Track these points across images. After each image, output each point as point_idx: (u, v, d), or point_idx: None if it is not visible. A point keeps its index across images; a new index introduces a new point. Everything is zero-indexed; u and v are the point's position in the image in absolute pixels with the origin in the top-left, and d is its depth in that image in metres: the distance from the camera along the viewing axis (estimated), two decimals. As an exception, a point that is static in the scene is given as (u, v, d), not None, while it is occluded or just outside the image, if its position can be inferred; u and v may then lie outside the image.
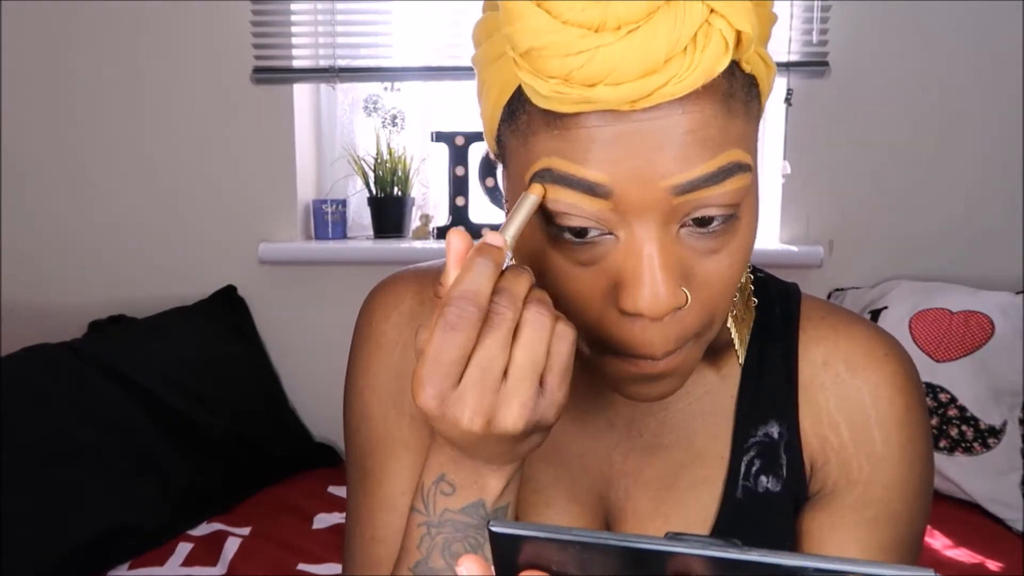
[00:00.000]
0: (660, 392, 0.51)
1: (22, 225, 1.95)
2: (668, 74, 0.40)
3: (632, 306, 0.45)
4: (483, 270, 0.42)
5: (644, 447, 0.61)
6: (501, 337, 0.42)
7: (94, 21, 1.88)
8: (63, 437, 1.44)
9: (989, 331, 1.61)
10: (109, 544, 1.38)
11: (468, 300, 0.41)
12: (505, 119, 0.48)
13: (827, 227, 1.88)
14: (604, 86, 0.40)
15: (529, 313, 0.43)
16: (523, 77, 0.43)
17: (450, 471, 0.48)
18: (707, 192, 0.43)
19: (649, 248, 0.44)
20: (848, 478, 0.58)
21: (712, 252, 0.46)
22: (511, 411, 0.42)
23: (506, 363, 0.42)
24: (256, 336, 1.94)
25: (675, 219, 0.45)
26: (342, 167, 2.02)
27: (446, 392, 0.42)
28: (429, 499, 0.49)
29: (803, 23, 1.81)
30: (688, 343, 0.49)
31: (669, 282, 0.44)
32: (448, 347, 0.41)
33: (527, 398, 0.42)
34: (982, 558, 1.40)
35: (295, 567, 1.40)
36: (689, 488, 0.60)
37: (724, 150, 0.43)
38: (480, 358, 0.42)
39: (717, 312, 0.49)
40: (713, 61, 0.41)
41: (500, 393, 0.42)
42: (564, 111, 0.43)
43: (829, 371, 0.59)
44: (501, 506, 0.49)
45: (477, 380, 0.42)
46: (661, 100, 0.41)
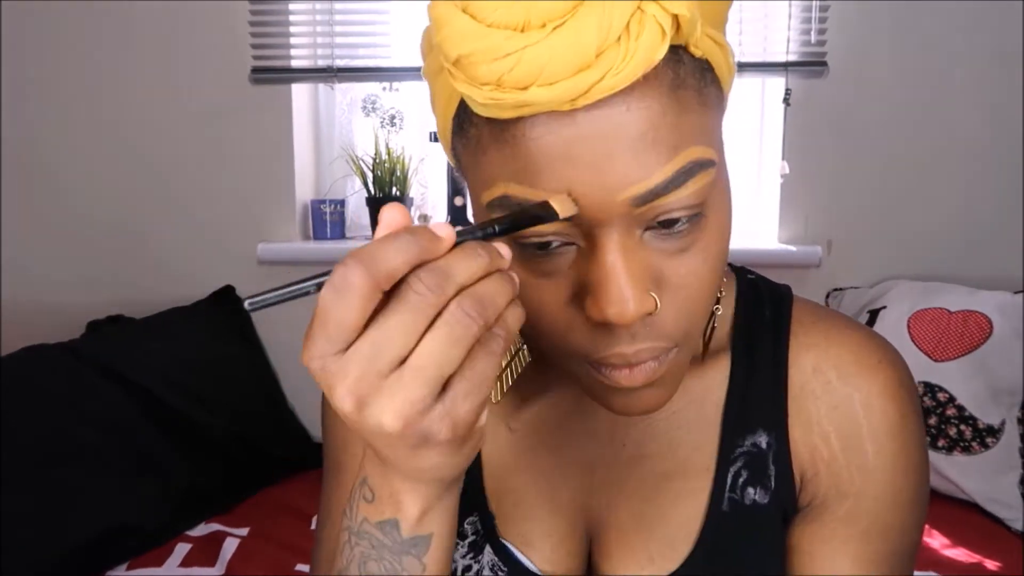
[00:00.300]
0: (644, 405, 0.48)
1: (22, 225, 1.95)
2: (603, 68, 0.38)
3: (599, 314, 0.43)
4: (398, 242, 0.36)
5: (627, 457, 0.59)
6: (409, 320, 0.36)
7: (93, 21, 1.88)
8: (62, 437, 1.44)
9: (988, 331, 1.62)
10: (108, 544, 1.38)
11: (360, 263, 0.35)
12: (456, 132, 0.46)
13: (826, 227, 1.88)
14: (538, 87, 0.38)
15: (455, 306, 0.36)
16: (459, 87, 0.41)
17: (370, 474, 0.44)
18: (668, 198, 0.41)
19: (612, 256, 0.42)
20: (839, 490, 0.56)
21: (681, 251, 0.44)
22: (390, 404, 0.36)
23: (407, 351, 0.36)
24: (255, 336, 1.95)
25: (638, 225, 0.43)
26: (340, 167, 2.02)
27: (327, 358, 0.36)
28: (353, 502, 0.46)
29: (801, 23, 1.81)
30: (668, 353, 0.46)
31: (635, 288, 0.42)
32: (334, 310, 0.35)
33: (415, 397, 0.36)
34: (980, 557, 1.40)
35: (294, 567, 1.40)
36: (673, 500, 0.58)
37: (680, 150, 0.41)
38: (376, 332, 0.36)
39: (696, 316, 0.46)
40: (650, 49, 0.39)
41: (387, 380, 0.36)
42: (504, 116, 0.41)
43: (820, 378, 0.57)
44: (420, 535, 0.44)
45: (365, 355, 0.36)
46: (600, 95, 0.39)
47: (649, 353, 0.45)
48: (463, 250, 0.37)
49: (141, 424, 1.56)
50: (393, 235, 0.37)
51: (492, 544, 0.60)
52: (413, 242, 0.36)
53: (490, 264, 0.38)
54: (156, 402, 1.60)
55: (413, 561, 0.44)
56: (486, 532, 0.60)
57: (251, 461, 1.70)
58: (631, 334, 0.45)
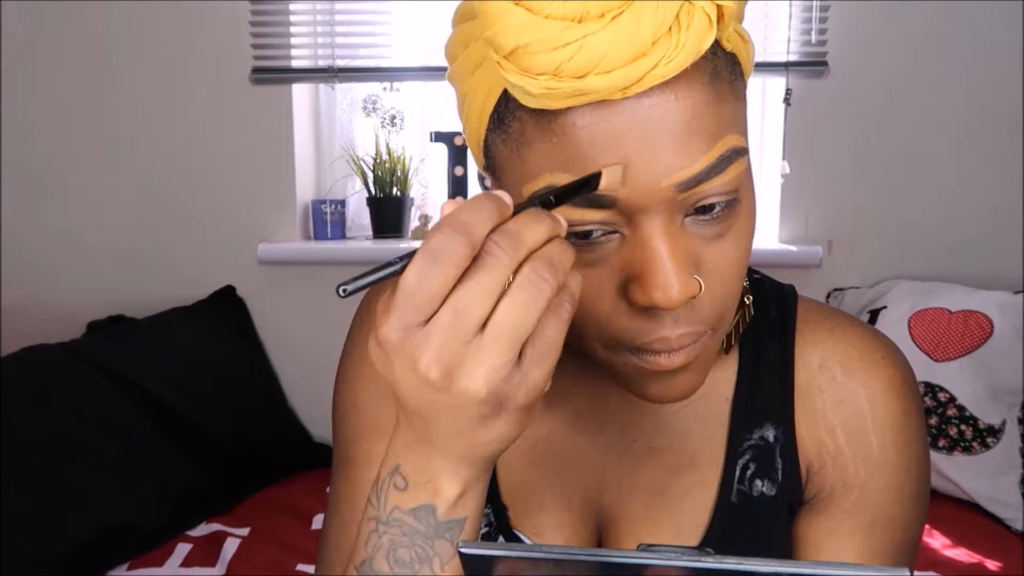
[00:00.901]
0: (680, 390, 0.49)
1: (22, 225, 1.95)
2: (656, 56, 0.40)
3: (646, 299, 0.44)
4: (483, 207, 0.37)
5: (638, 451, 0.61)
6: (487, 284, 0.37)
7: (94, 21, 1.88)
8: (62, 437, 1.44)
9: (988, 330, 1.61)
10: (108, 544, 1.38)
11: (457, 230, 0.36)
12: (493, 128, 0.46)
13: (826, 227, 1.88)
14: (595, 75, 0.40)
15: (529, 270, 0.38)
16: (510, 79, 0.42)
17: (405, 461, 0.44)
18: (709, 184, 0.43)
19: (657, 241, 0.43)
20: (844, 483, 0.57)
21: (718, 236, 0.46)
22: (477, 370, 0.37)
23: (486, 316, 0.37)
24: (255, 336, 1.95)
25: (680, 210, 0.44)
26: (341, 167, 2.02)
27: (411, 327, 0.37)
28: (382, 492, 0.46)
29: (802, 23, 1.81)
30: (704, 336, 0.48)
31: (681, 272, 0.43)
32: (426, 279, 0.36)
33: (499, 363, 0.37)
34: (981, 557, 1.40)
35: (294, 567, 1.40)
36: (683, 492, 0.59)
37: (719, 138, 0.43)
38: (457, 299, 0.37)
39: (729, 300, 0.48)
40: (699, 38, 0.40)
41: (470, 346, 0.37)
42: (556, 107, 0.42)
43: (825, 374, 0.58)
44: (456, 518, 0.44)
45: (448, 323, 0.37)
46: (652, 83, 0.40)
47: (690, 337, 0.46)
48: (529, 214, 0.39)
49: (141, 424, 1.56)
50: (474, 203, 0.37)
51: (505, 535, 0.61)
52: (494, 208, 0.37)
53: (553, 229, 0.39)
54: (156, 402, 1.60)
55: (446, 545, 0.45)
56: (499, 524, 0.61)
57: (251, 461, 1.70)
58: (674, 318, 0.46)
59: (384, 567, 0.46)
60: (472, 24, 0.45)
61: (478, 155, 0.50)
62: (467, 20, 0.46)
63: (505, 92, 0.44)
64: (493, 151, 0.47)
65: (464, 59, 0.47)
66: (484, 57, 0.45)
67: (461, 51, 0.47)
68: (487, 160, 0.49)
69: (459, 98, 0.49)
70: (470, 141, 0.50)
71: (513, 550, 0.30)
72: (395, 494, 0.45)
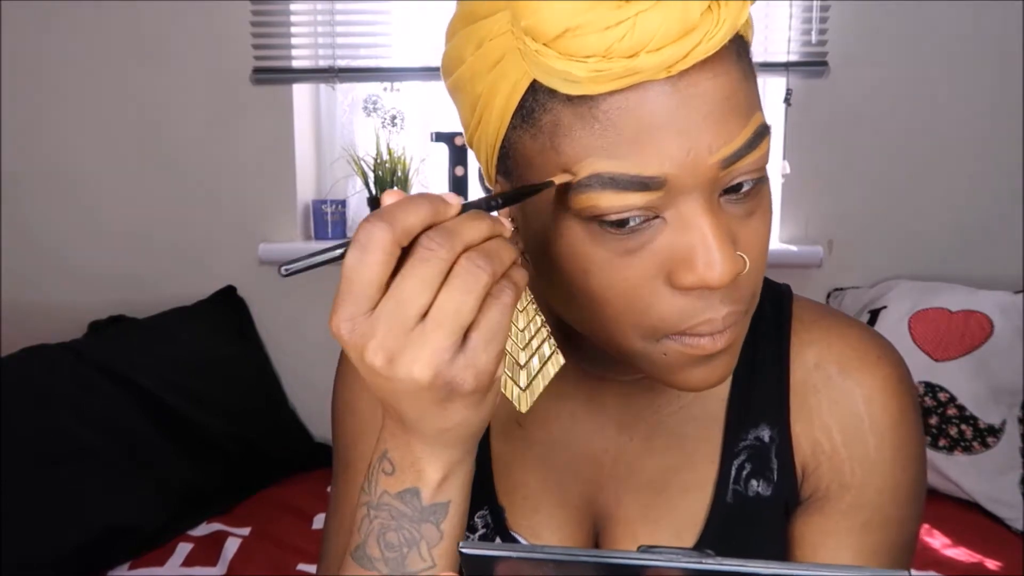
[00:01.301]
0: (719, 374, 0.49)
1: (22, 225, 1.95)
2: (701, 32, 0.40)
3: (696, 278, 0.44)
4: (415, 202, 0.39)
5: (634, 451, 0.61)
6: (425, 275, 0.38)
7: (94, 21, 1.88)
8: (63, 437, 1.45)
9: (988, 330, 1.62)
10: (109, 544, 1.38)
11: (382, 219, 0.38)
12: (518, 124, 0.45)
13: (826, 227, 1.88)
14: (646, 53, 0.40)
15: (466, 260, 0.39)
16: (555, 65, 0.41)
17: (390, 446, 0.46)
18: (746, 159, 0.44)
19: (700, 221, 0.44)
20: (840, 483, 0.57)
21: (749, 215, 0.46)
22: (419, 356, 0.39)
23: (427, 305, 0.39)
24: (256, 336, 1.95)
25: (718, 189, 0.45)
26: (342, 167, 2.02)
27: (357, 317, 0.39)
28: (372, 477, 0.47)
29: (802, 23, 1.81)
30: (744, 316, 0.48)
31: (726, 249, 0.44)
32: (359, 269, 0.38)
33: (440, 347, 0.39)
34: (981, 557, 1.40)
35: (295, 567, 1.40)
36: (679, 492, 0.59)
37: (751, 115, 0.44)
38: (397, 290, 0.38)
39: (760, 278, 0.49)
40: (736, 15, 0.41)
41: (412, 333, 0.39)
42: (600, 91, 0.41)
43: (821, 373, 0.58)
44: (439, 502, 0.46)
45: (389, 311, 0.39)
46: (695, 60, 0.41)
47: (733, 316, 0.47)
48: (467, 215, 0.40)
49: (142, 424, 1.56)
50: (409, 198, 0.39)
51: (502, 537, 0.61)
52: (427, 204, 0.39)
53: (493, 229, 0.41)
54: (157, 402, 1.60)
55: (431, 528, 0.46)
56: (496, 525, 0.61)
57: (251, 461, 1.70)
58: (720, 299, 0.46)
59: (375, 551, 0.47)
60: (487, 23, 0.45)
61: (491, 158, 0.49)
62: (475, 21, 0.46)
63: (532, 85, 0.44)
64: (518, 148, 0.46)
65: (476, 60, 0.46)
66: (505, 53, 0.44)
67: (472, 52, 0.46)
68: (505, 162, 0.48)
69: (467, 102, 0.48)
70: (483, 144, 0.49)
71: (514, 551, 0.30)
72: (384, 479, 0.46)
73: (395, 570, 0.46)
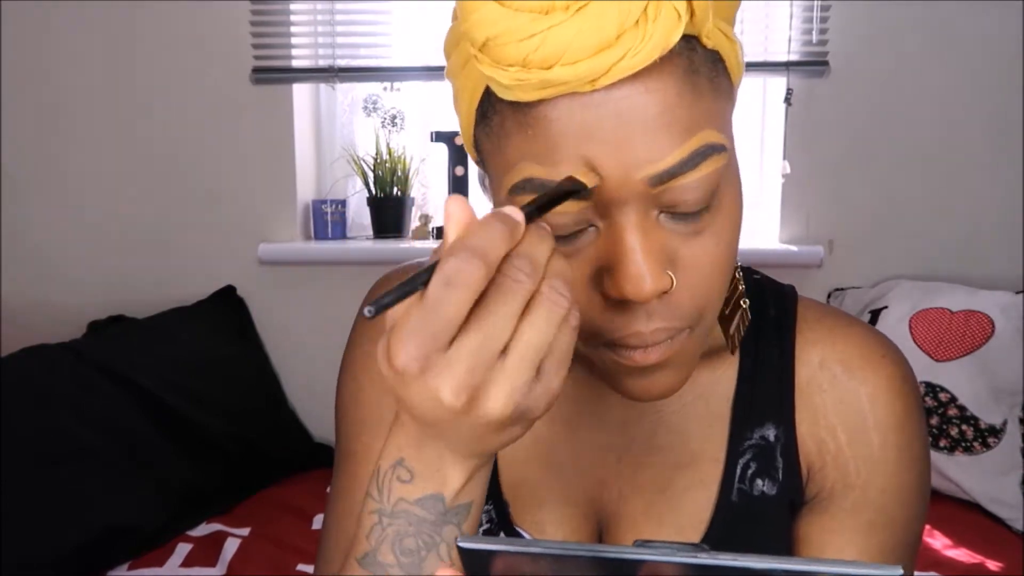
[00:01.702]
0: (659, 388, 0.49)
1: (22, 225, 1.95)
2: (623, 48, 0.40)
3: (617, 291, 0.44)
4: (496, 230, 0.37)
5: (638, 449, 0.61)
6: (514, 307, 0.37)
7: (94, 21, 1.88)
8: (63, 437, 1.44)
9: (989, 330, 1.61)
10: (108, 544, 1.38)
11: (474, 254, 0.36)
12: (479, 122, 0.47)
13: (827, 227, 1.88)
14: (561, 66, 0.40)
15: (548, 289, 0.38)
16: (485, 71, 0.42)
17: (410, 456, 0.44)
18: (683, 179, 0.43)
19: (630, 235, 0.44)
20: (845, 482, 0.57)
21: (695, 234, 0.46)
22: (502, 393, 0.37)
23: (510, 338, 0.37)
24: (256, 336, 1.94)
25: (654, 205, 0.44)
26: (341, 167, 2.02)
27: (432, 355, 0.37)
28: (384, 485, 0.45)
29: (803, 23, 1.81)
30: (681, 333, 0.47)
31: (652, 265, 0.44)
32: (443, 305, 0.36)
33: (522, 382, 0.38)
34: (982, 558, 1.40)
35: (295, 567, 1.40)
36: (684, 491, 0.60)
37: (694, 132, 0.43)
38: (484, 324, 0.36)
39: (710, 298, 0.48)
40: (666, 32, 0.41)
41: (493, 371, 0.37)
42: (527, 99, 0.42)
43: (826, 373, 0.58)
44: (462, 503, 0.45)
45: (474, 349, 0.37)
46: (620, 75, 0.41)
47: (665, 333, 0.46)
48: (536, 233, 0.39)
49: (142, 424, 1.56)
50: (487, 225, 0.37)
51: (506, 531, 0.61)
52: (506, 230, 0.37)
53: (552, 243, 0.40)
54: (157, 402, 1.60)
55: (453, 529, 0.45)
56: (500, 520, 0.62)
57: (251, 461, 1.70)
58: (647, 313, 0.46)
59: (389, 557, 0.46)
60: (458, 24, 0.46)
61: (471, 150, 0.51)
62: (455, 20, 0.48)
63: (488, 87, 0.45)
64: (480, 146, 0.49)
65: (455, 56, 0.48)
66: (469, 54, 0.45)
67: (452, 49, 0.48)
68: (478, 155, 0.50)
69: (453, 94, 0.50)
70: (463, 137, 0.51)
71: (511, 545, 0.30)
72: (400, 486, 0.45)
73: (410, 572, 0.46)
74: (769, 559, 0.28)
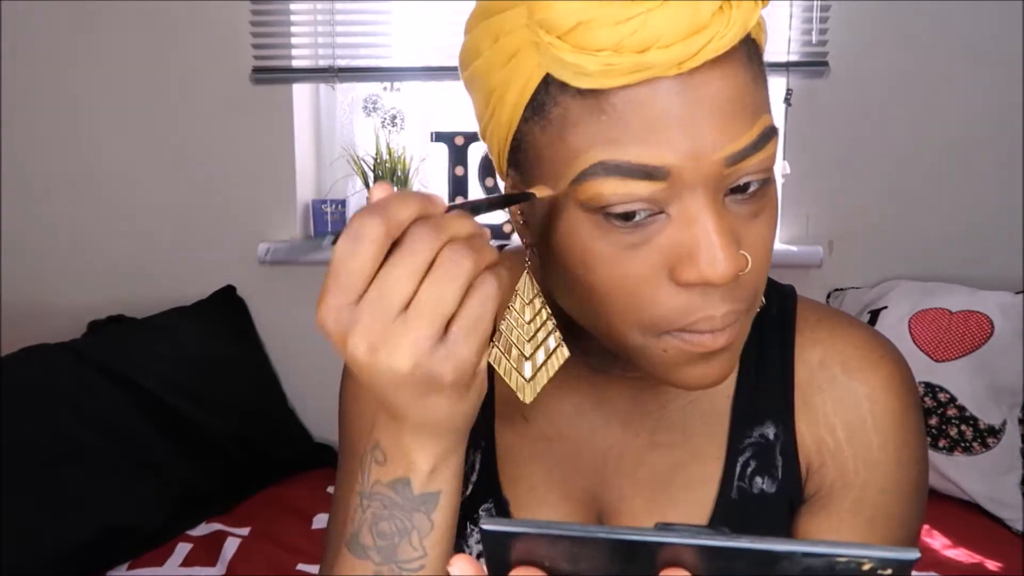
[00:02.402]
0: (719, 373, 0.49)
1: (22, 225, 1.95)
2: (711, 32, 0.41)
3: (697, 274, 0.44)
4: (407, 197, 0.40)
5: (640, 446, 0.61)
6: (411, 266, 0.39)
7: (93, 21, 1.88)
8: (62, 437, 1.44)
9: (989, 331, 1.61)
10: (108, 544, 1.38)
11: (375, 212, 0.38)
12: (529, 117, 0.47)
13: (827, 227, 1.88)
14: (656, 49, 0.41)
15: (447, 251, 0.39)
16: (566, 57, 0.42)
17: (383, 439, 0.46)
18: (751, 160, 0.44)
19: (705, 218, 0.44)
20: (844, 481, 0.58)
21: (754, 216, 0.47)
22: (400, 345, 0.39)
23: (410, 296, 0.39)
24: (256, 336, 1.94)
25: (721, 189, 0.45)
26: (341, 167, 2.02)
27: (342, 307, 0.40)
28: (365, 467, 0.48)
29: (803, 23, 1.81)
30: (743, 316, 0.48)
31: (729, 247, 0.44)
32: (348, 259, 0.39)
33: (421, 337, 0.39)
34: (981, 558, 1.40)
35: (295, 567, 1.40)
36: (684, 488, 0.60)
37: (759, 116, 0.45)
38: (381, 280, 0.39)
39: (763, 279, 0.49)
40: (747, 16, 0.42)
41: (394, 323, 0.39)
42: (613, 85, 0.42)
43: (825, 373, 0.59)
44: (430, 491, 0.46)
45: (373, 301, 0.39)
46: (705, 58, 0.42)
47: (734, 315, 0.47)
48: (453, 214, 0.41)
49: (141, 424, 1.56)
50: (399, 193, 0.40)
51: None
52: (417, 199, 0.40)
53: (477, 228, 0.41)
54: (157, 402, 1.60)
55: (423, 518, 0.47)
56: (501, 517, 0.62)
57: (251, 461, 1.70)
58: (721, 296, 0.46)
59: (368, 539, 0.47)
60: (504, 17, 0.46)
61: (503, 151, 0.50)
62: (492, 16, 0.47)
63: (545, 79, 0.45)
64: (528, 141, 0.47)
65: (493, 53, 0.47)
66: (520, 48, 0.45)
67: (489, 46, 0.47)
68: (516, 155, 0.49)
69: (482, 95, 0.49)
70: (495, 137, 0.50)
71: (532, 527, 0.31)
72: (376, 468, 0.47)
73: (386, 559, 0.47)
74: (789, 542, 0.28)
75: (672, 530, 0.30)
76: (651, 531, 0.30)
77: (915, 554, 0.27)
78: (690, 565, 0.30)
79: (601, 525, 0.37)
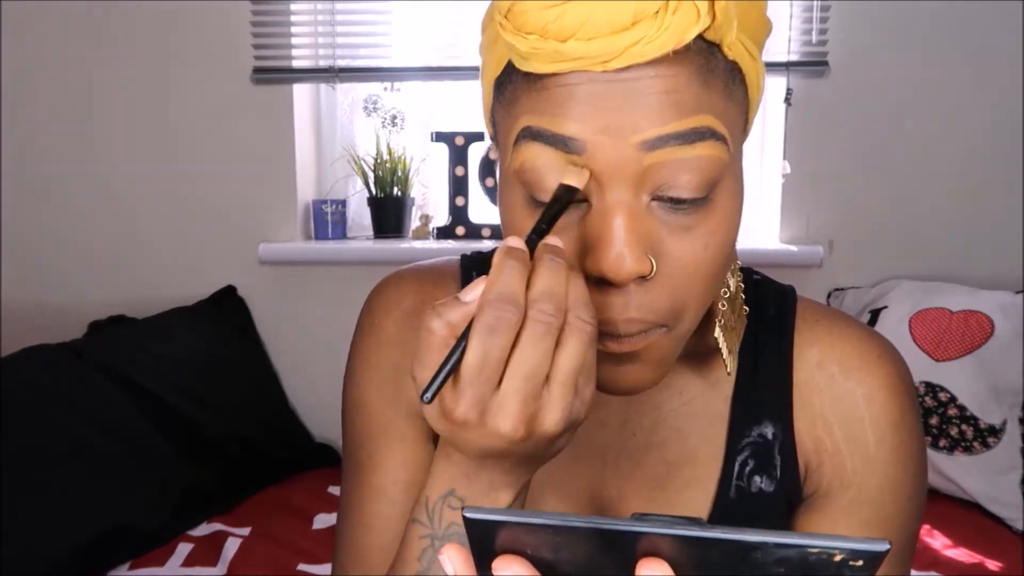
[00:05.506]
0: (628, 381, 0.49)
1: (22, 225, 1.95)
2: (638, 34, 0.41)
3: (595, 268, 0.45)
4: (512, 269, 0.41)
5: (637, 447, 0.61)
6: (548, 343, 0.41)
7: (94, 21, 1.88)
8: (63, 437, 1.44)
9: (989, 330, 1.61)
10: (109, 544, 1.38)
11: (506, 301, 0.40)
12: (496, 95, 0.49)
13: (827, 227, 1.88)
14: (576, 40, 0.42)
15: (575, 319, 0.42)
16: (507, 37, 0.44)
17: (461, 486, 0.47)
18: (677, 153, 0.44)
19: (618, 212, 0.44)
20: (842, 480, 0.58)
21: (685, 230, 0.46)
22: (553, 416, 0.42)
23: (549, 369, 0.41)
24: (256, 336, 1.95)
25: (646, 187, 0.45)
26: (342, 167, 2.03)
27: (487, 399, 0.41)
28: (435, 513, 0.48)
29: (803, 23, 1.81)
30: (655, 330, 0.47)
31: (633, 246, 0.44)
32: (490, 352, 0.40)
33: (567, 403, 0.42)
34: (981, 557, 1.40)
35: (295, 567, 1.40)
36: (682, 488, 0.60)
37: (696, 113, 0.44)
38: (525, 366, 0.40)
39: (689, 299, 0.48)
40: (683, 27, 0.42)
41: (542, 399, 0.41)
42: (541, 70, 0.44)
43: (823, 372, 0.59)
44: None
45: (519, 388, 0.41)
46: (632, 61, 0.42)
47: (638, 325, 0.47)
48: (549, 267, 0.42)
49: (142, 424, 1.56)
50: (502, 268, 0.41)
51: None
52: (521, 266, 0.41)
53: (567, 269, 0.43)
54: (157, 402, 1.60)
55: None
56: None
57: (251, 461, 1.70)
58: (624, 301, 0.46)
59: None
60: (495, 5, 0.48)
61: (488, 125, 0.53)
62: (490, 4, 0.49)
63: (508, 63, 0.47)
64: (497, 119, 0.50)
65: (484, 38, 0.50)
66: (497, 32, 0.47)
67: (486, 26, 0.50)
68: (493, 129, 0.52)
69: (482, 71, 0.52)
70: (483, 111, 0.53)
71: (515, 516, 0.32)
72: (451, 513, 0.48)
73: None
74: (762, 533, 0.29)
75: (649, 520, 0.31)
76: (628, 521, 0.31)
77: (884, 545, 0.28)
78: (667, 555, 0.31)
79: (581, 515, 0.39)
